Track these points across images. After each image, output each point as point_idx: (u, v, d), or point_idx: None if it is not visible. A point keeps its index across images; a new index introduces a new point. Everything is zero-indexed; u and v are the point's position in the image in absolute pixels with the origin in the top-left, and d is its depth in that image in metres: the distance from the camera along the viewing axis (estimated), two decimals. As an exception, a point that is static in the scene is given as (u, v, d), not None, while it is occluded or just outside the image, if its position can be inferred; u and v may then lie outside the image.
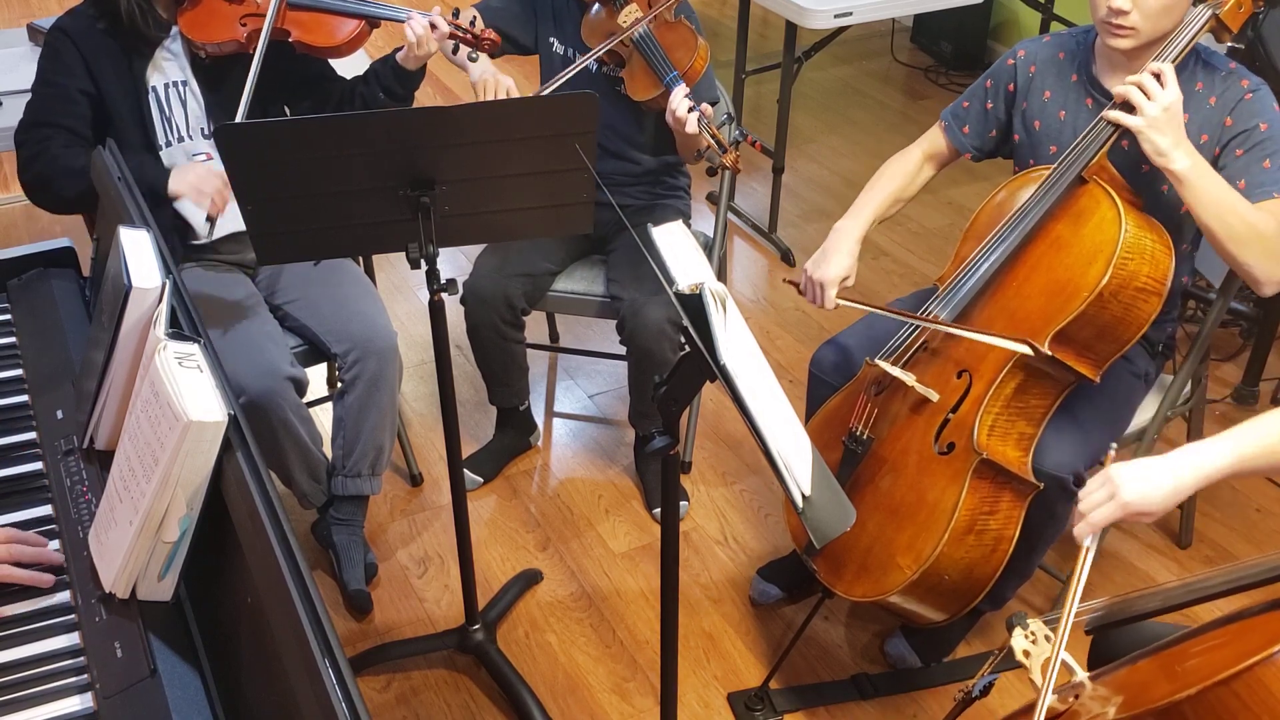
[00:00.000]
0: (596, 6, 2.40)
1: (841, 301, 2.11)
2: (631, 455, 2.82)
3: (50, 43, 2.11)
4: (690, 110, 2.19)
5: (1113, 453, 1.57)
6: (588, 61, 2.32)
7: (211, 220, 2.03)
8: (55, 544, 1.35)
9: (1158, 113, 1.80)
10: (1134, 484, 1.43)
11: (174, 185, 2.02)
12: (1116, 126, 1.88)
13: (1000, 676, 1.47)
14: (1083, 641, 1.60)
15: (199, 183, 2.02)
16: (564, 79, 2.30)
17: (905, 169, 2.24)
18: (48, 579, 1.29)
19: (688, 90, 2.23)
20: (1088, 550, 1.47)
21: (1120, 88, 1.85)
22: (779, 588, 2.41)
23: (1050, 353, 1.86)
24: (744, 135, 2.23)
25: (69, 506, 1.38)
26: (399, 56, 2.22)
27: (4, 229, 3.62)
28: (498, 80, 2.39)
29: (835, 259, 2.12)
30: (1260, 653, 1.16)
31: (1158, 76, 1.82)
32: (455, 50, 2.34)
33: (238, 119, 2.03)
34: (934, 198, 4.00)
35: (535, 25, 2.51)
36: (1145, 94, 1.81)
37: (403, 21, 2.17)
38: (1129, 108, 1.84)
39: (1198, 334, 2.22)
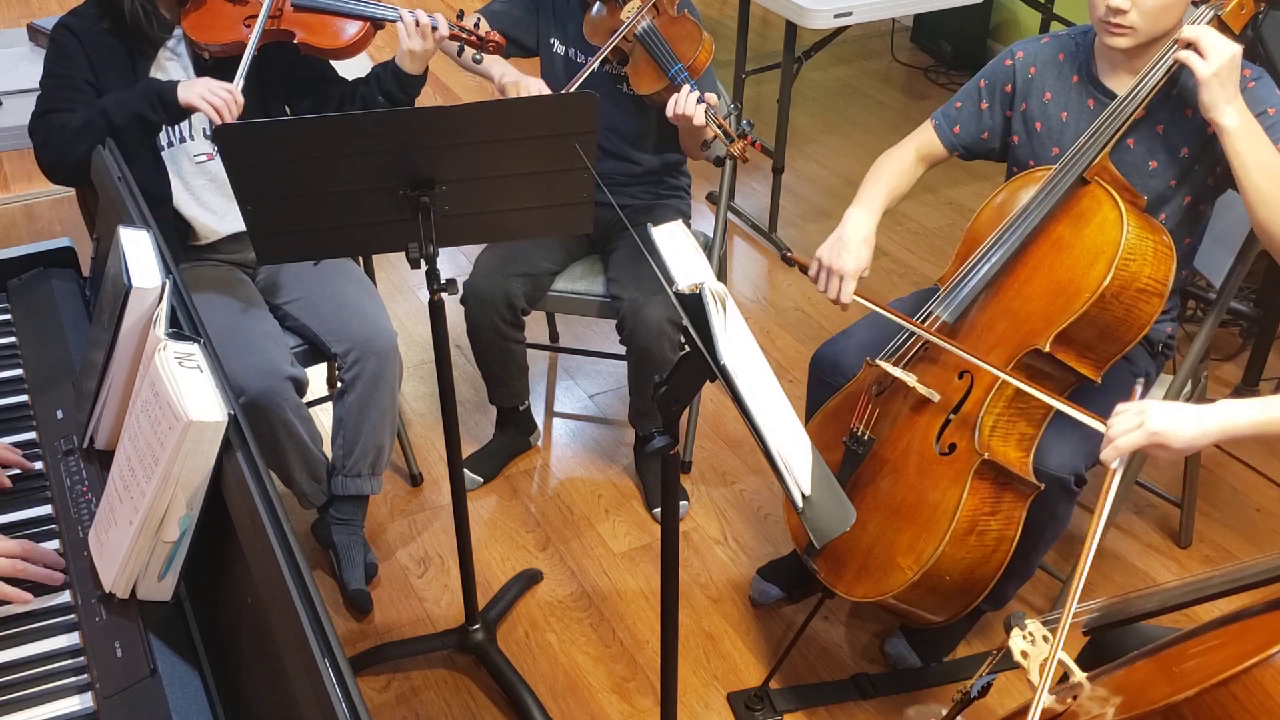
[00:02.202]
0: (598, 4, 2.40)
1: (859, 299, 2.03)
2: (631, 455, 2.82)
3: (56, 39, 2.12)
4: (698, 101, 2.20)
5: (1139, 388, 1.62)
6: (598, 61, 2.33)
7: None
8: (55, 544, 1.35)
9: (1226, 60, 1.79)
10: (1163, 415, 1.51)
11: (184, 96, 2.01)
12: (1130, 115, 1.89)
13: (999, 676, 1.47)
14: (1081, 642, 1.60)
15: (206, 93, 2.01)
16: (579, 82, 2.30)
17: (901, 167, 2.23)
18: (59, 576, 1.29)
19: (695, 86, 2.24)
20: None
21: (1189, 30, 1.82)
22: (779, 588, 2.40)
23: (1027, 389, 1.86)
24: (749, 126, 2.24)
25: (69, 506, 1.38)
26: (397, 57, 2.22)
27: (4, 229, 3.62)
28: (526, 84, 2.39)
29: (855, 249, 2.06)
30: (1258, 654, 1.16)
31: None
32: (460, 52, 2.34)
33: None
34: (934, 198, 4.00)
35: (537, 26, 2.51)
36: (1201, 52, 1.80)
37: (406, 23, 2.17)
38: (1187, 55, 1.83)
39: (1198, 334, 2.22)
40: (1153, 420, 1.51)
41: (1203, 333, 2.21)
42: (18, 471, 1.44)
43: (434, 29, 2.17)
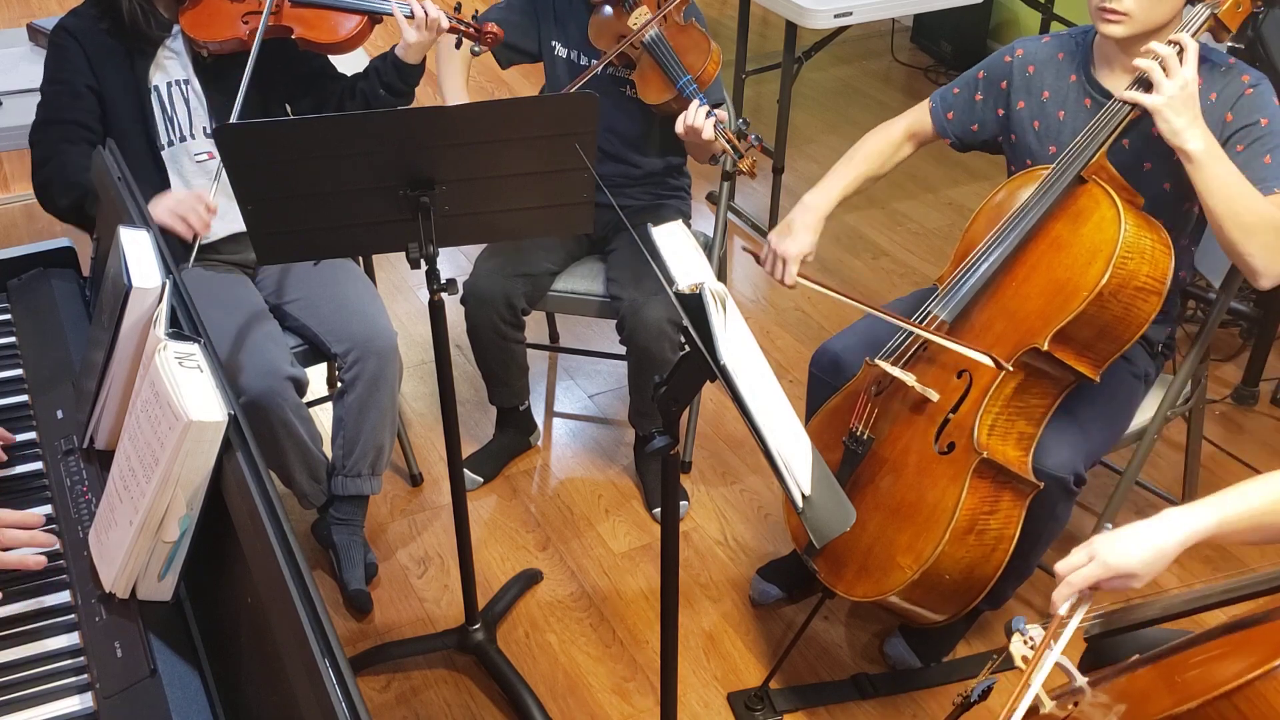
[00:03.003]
0: (606, 8, 2.39)
1: (801, 280, 2.14)
2: (631, 455, 2.82)
3: (55, 42, 2.12)
4: (707, 116, 2.20)
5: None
6: (602, 65, 2.32)
7: (191, 244, 2.04)
8: (55, 544, 1.35)
9: (1176, 90, 1.79)
10: (1112, 545, 1.40)
11: (153, 212, 2.00)
12: (1125, 114, 1.88)
13: (999, 679, 1.47)
14: (1082, 644, 1.60)
15: (175, 206, 2.02)
16: (579, 85, 2.30)
17: (883, 146, 2.26)
18: (39, 560, 1.26)
19: (703, 98, 2.24)
20: (1065, 620, 1.41)
21: (1140, 60, 1.83)
22: (779, 588, 2.41)
23: (1010, 366, 1.88)
24: (758, 140, 2.24)
25: (69, 506, 1.38)
26: (398, 49, 2.22)
27: (4, 229, 3.62)
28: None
29: (800, 235, 2.18)
30: (1261, 667, 1.16)
31: (1180, 53, 1.80)
32: (459, 45, 2.33)
33: (233, 118, 2.03)
34: (934, 198, 4.00)
35: (538, 30, 2.51)
36: (1165, 70, 1.80)
37: (406, 17, 2.17)
38: (1145, 86, 1.83)
39: (1198, 334, 2.22)
40: (1103, 551, 1.40)
41: (1203, 333, 2.21)
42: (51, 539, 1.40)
43: (436, 20, 2.16)
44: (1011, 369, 1.87)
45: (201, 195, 2.04)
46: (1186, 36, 1.81)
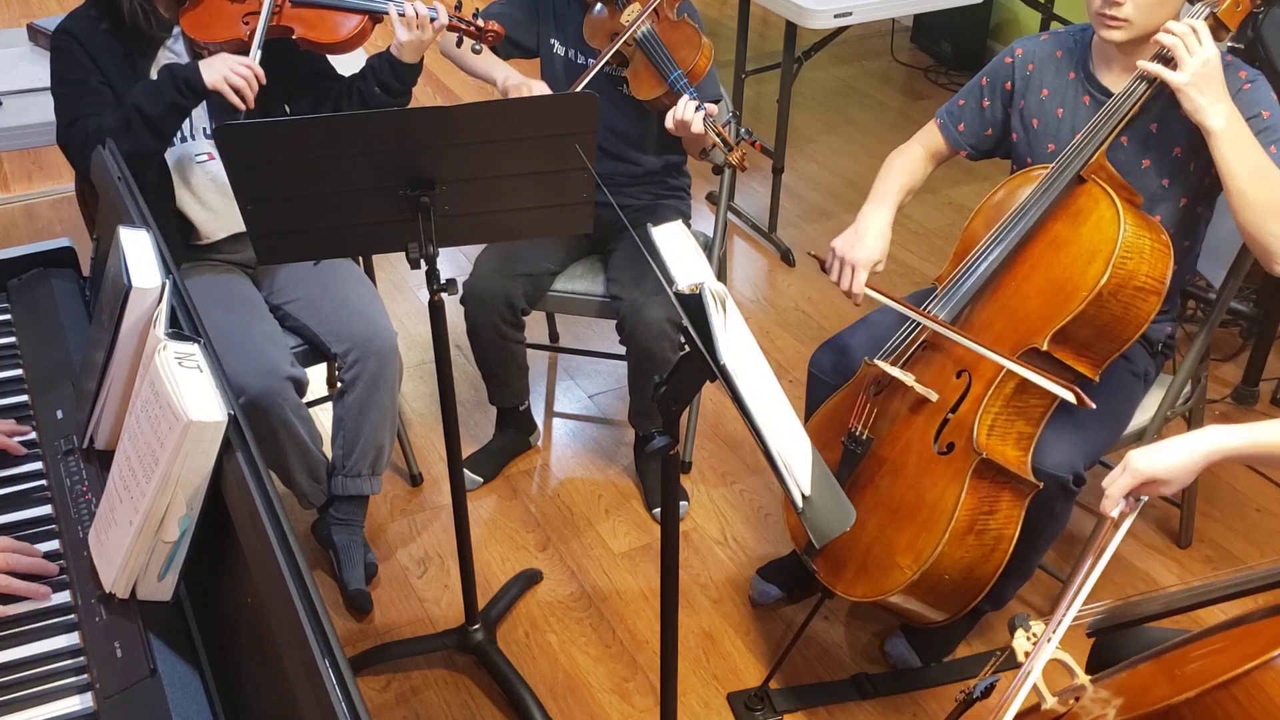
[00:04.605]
0: (599, 6, 2.40)
1: (869, 291, 2.06)
2: (631, 455, 2.82)
3: (58, 46, 2.12)
4: (696, 110, 2.20)
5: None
6: (601, 64, 2.33)
7: (245, 111, 2.08)
8: (55, 544, 1.35)
9: (1198, 66, 1.79)
10: (1143, 453, 1.49)
11: (208, 78, 2.06)
12: (1126, 112, 1.88)
13: (1001, 677, 1.47)
14: (1085, 645, 1.60)
15: (228, 73, 2.05)
16: (580, 86, 2.31)
17: (911, 164, 2.24)
18: (45, 590, 1.28)
19: (694, 92, 2.24)
20: (1101, 550, 1.47)
21: (1162, 35, 1.83)
22: (779, 588, 2.40)
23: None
24: (748, 134, 2.24)
25: (69, 506, 1.38)
26: (393, 47, 2.22)
27: (4, 229, 3.62)
28: (530, 87, 2.38)
29: (870, 241, 2.09)
30: (1259, 657, 1.16)
31: (1194, 33, 1.81)
32: (459, 43, 2.34)
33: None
34: (934, 198, 4.00)
35: (538, 27, 2.51)
36: (1186, 48, 1.80)
37: (399, 15, 2.16)
38: (1165, 64, 1.83)
39: (1198, 334, 2.22)
40: (1134, 460, 1.49)
41: (1203, 333, 2.21)
42: (54, 569, 1.39)
43: (432, 19, 2.16)
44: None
45: (252, 66, 2.07)
46: (1199, 22, 1.82)
